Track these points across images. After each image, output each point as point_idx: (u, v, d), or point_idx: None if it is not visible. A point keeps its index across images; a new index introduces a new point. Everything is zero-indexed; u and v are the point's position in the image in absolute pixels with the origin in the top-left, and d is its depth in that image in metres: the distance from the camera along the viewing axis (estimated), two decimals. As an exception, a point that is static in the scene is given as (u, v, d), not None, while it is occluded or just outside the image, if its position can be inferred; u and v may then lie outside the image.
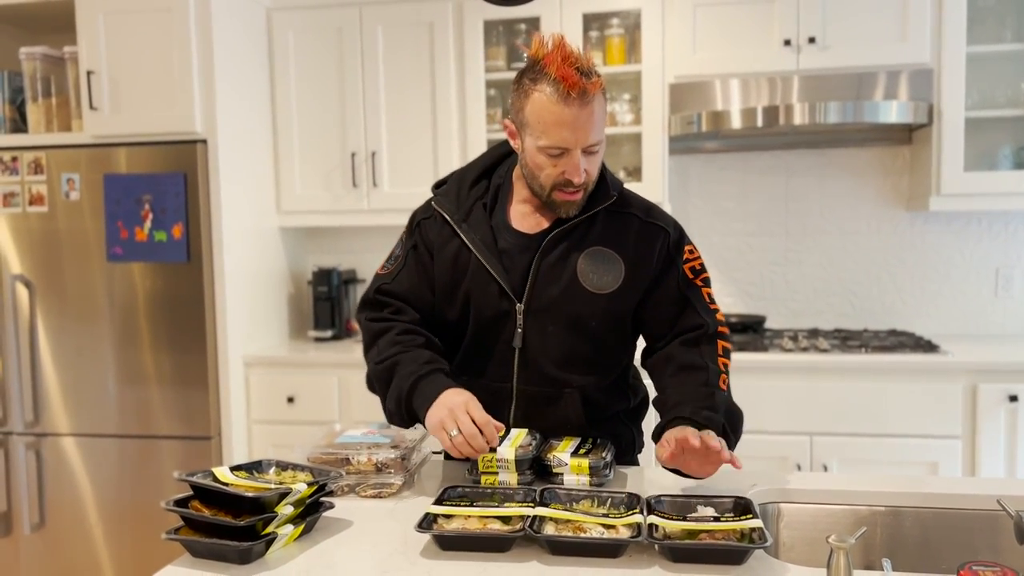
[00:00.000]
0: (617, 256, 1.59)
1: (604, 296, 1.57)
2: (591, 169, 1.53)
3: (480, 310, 1.60)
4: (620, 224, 1.61)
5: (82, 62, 2.99)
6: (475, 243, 1.59)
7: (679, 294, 1.61)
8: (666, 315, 1.62)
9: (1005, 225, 3.25)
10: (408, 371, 1.54)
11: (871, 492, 1.47)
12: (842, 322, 3.39)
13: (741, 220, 3.44)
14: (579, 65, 1.46)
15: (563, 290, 1.57)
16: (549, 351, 1.59)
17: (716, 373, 1.54)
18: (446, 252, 1.63)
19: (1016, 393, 2.69)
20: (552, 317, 1.58)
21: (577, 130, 1.47)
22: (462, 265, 1.61)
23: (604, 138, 1.53)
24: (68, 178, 3.02)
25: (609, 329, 1.61)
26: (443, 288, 1.64)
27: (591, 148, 1.50)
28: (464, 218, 1.62)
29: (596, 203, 1.59)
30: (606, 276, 1.57)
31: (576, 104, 1.45)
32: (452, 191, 1.67)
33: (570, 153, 1.49)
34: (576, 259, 1.58)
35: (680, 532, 1.23)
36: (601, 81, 1.49)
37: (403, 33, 3.25)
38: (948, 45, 2.90)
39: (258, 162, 3.28)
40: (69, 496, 3.09)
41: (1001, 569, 1.03)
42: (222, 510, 1.25)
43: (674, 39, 3.07)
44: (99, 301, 3.03)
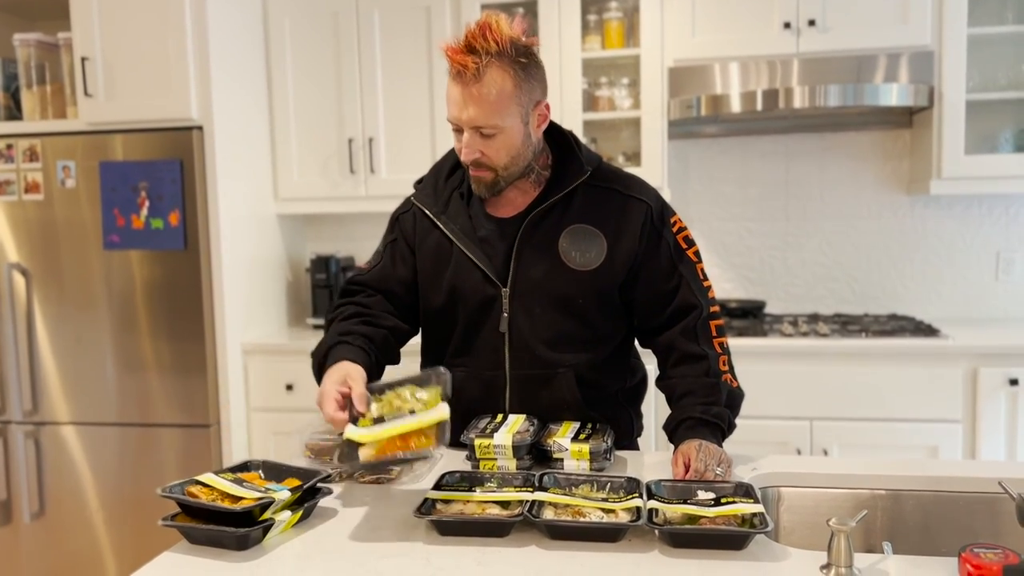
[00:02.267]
0: (598, 232, 1.58)
1: (588, 273, 1.57)
2: (488, 151, 1.51)
3: (466, 298, 1.60)
4: (599, 199, 1.60)
5: (77, 48, 2.96)
6: (455, 233, 1.60)
7: (672, 269, 1.60)
8: (660, 293, 1.61)
9: (1006, 208, 3.23)
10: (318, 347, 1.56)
11: (871, 476, 1.47)
12: (842, 307, 3.38)
13: (741, 205, 3.42)
14: (474, 44, 1.43)
15: (546, 270, 1.57)
16: (538, 333, 1.59)
17: (716, 358, 1.59)
18: (427, 245, 1.64)
19: (1016, 377, 2.69)
20: (538, 298, 1.58)
21: (463, 108, 1.46)
22: (444, 256, 1.61)
23: (509, 124, 1.48)
24: (64, 165, 3.00)
25: (596, 306, 1.60)
26: (427, 280, 1.64)
27: (482, 130, 1.48)
28: (443, 210, 1.63)
29: (569, 180, 1.58)
30: (588, 253, 1.57)
31: (461, 81, 1.45)
32: (429, 185, 1.68)
33: (463, 131, 1.49)
34: (557, 238, 1.58)
35: (680, 517, 1.22)
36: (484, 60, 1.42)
37: (400, 18, 3.22)
38: (949, 27, 2.88)
39: (255, 149, 3.26)
40: (69, 484, 3.09)
41: (1003, 551, 1.03)
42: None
43: (673, 22, 3.05)
44: (96, 289, 3.02)
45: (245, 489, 1.27)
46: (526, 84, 1.48)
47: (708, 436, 1.49)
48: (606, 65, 3.26)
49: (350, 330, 1.56)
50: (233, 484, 1.28)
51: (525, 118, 1.51)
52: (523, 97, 1.49)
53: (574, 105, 3.13)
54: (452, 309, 1.62)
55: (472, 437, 1.47)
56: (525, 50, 1.48)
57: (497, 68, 1.44)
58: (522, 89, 1.48)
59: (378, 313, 1.63)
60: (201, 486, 1.27)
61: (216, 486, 1.27)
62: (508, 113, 1.47)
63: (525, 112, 1.51)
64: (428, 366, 1.73)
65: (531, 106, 1.51)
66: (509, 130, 1.50)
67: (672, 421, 1.56)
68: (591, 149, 1.67)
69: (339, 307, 1.65)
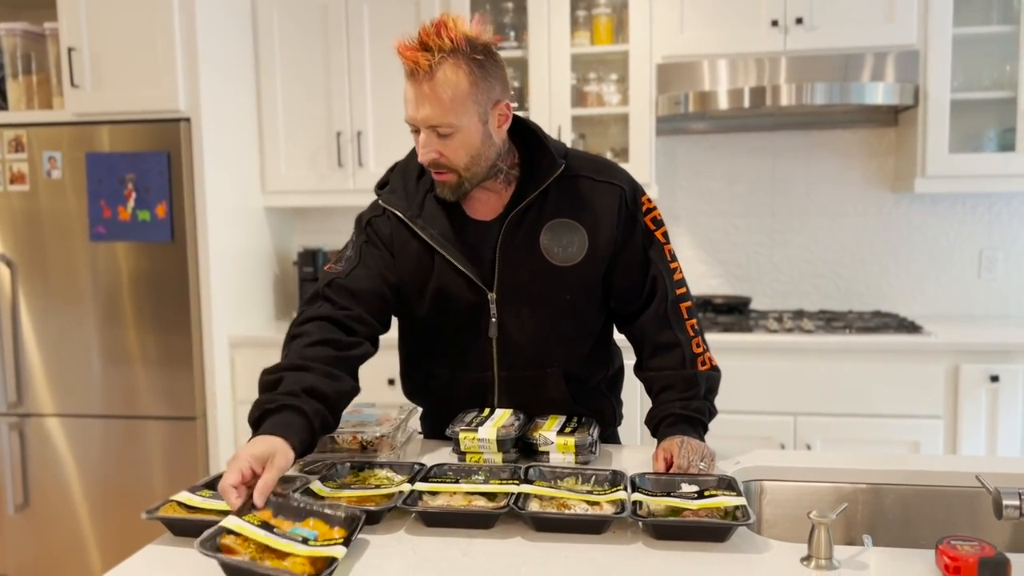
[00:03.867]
0: (577, 224, 1.55)
1: (572, 267, 1.55)
2: (446, 152, 1.46)
3: (453, 304, 1.57)
4: (573, 190, 1.57)
5: (63, 38, 2.94)
6: (435, 239, 1.54)
7: (643, 253, 1.59)
8: (633, 279, 1.59)
9: (989, 207, 3.27)
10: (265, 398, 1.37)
11: (853, 470, 1.49)
12: (827, 303, 3.41)
13: (728, 201, 3.44)
14: (428, 42, 1.39)
15: (531, 271, 1.55)
16: (528, 334, 1.58)
17: (689, 342, 1.58)
18: (408, 251, 1.57)
19: (997, 373, 2.72)
20: (525, 300, 1.56)
21: (417, 107, 1.43)
22: (426, 263, 1.56)
23: (466, 124, 1.44)
24: (50, 156, 2.98)
25: (584, 300, 1.59)
26: (409, 287, 1.59)
27: (438, 129, 1.44)
28: (418, 213, 1.56)
29: (543, 176, 1.54)
30: (570, 247, 1.55)
31: (414, 80, 1.42)
32: (399, 188, 1.60)
33: (420, 131, 1.46)
34: (538, 236, 1.55)
35: (664, 509, 1.23)
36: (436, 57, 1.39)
37: (389, 11, 3.22)
38: (934, 26, 2.91)
39: (243, 141, 3.25)
40: (53, 476, 3.08)
41: (979, 544, 1.04)
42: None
43: (661, 19, 3.06)
44: (82, 281, 3.00)
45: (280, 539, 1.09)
46: (483, 82, 1.44)
47: (689, 431, 1.50)
48: (595, 61, 3.27)
49: (316, 388, 1.37)
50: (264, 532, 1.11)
51: (484, 117, 1.47)
52: (480, 96, 1.44)
53: (563, 100, 3.14)
54: (437, 316, 1.59)
55: (457, 431, 1.48)
56: (483, 47, 1.45)
57: (451, 65, 1.40)
58: (479, 87, 1.44)
59: (352, 341, 1.49)
60: (234, 536, 1.10)
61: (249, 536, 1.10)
62: (464, 112, 1.43)
63: (483, 111, 1.46)
64: (410, 371, 1.73)
65: (490, 105, 1.47)
66: (466, 129, 1.45)
67: (653, 418, 1.57)
68: (555, 138, 1.64)
69: (308, 321, 1.51)
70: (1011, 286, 3.28)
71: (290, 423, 1.30)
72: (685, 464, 1.40)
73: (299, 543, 1.08)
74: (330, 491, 1.29)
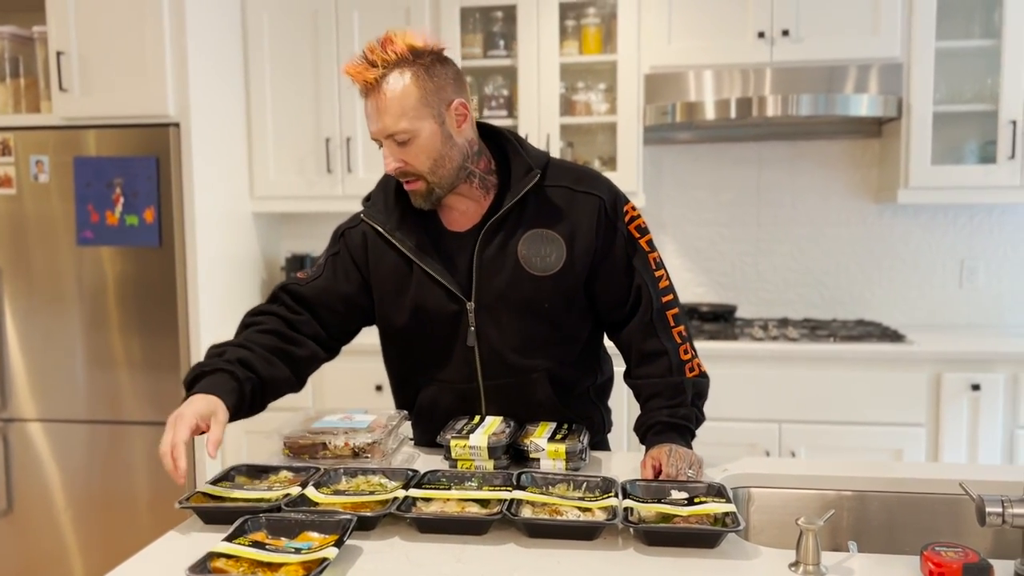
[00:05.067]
0: (555, 234, 1.56)
1: (550, 277, 1.56)
2: (408, 159, 1.49)
3: (432, 315, 1.58)
4: (552, 200, 1.58)
5: (51, 42, 2.93)
6: (412, 250, 1.57)
7: (627, 261, 1.59)
8: (619, 286, 1.61)
9: (970, 218, 3.32)
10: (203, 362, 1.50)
11: (838, 477, 1.51)
12: (811, 312, 3.44)
13: (714, 210, 3.48)
14: (373, 58, 1.44)
15: (509, 280, 1.56)
16: (508, 341, 1.59)
17: (676, 349, 1.59)
18: (384, 264, 1.61)
19: (978, 382, 2.76)
20: (504, 308, 1.57)
21: (374, 120, 1.48)
22: (404, 274, 1.59)
23: (418, 128, 1.46)
24: (37, 160, 2.97)
25: (563, 308, 1.60)
26: (387, 301, 1.62)
27: (396, 138, 1.47)
28: (396, 227, 1.59)
29: (519, 186, 1.56)
30: (548, 257, 1.56)
31: (368, 95, 1.47)
32: (379, 201, 1.64)
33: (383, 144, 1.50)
34: (515, 246, 1.56)
35: (654, 516, 1.25)
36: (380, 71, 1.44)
37: (379, 18, 3.23)
38: (918, 40, 2.95)
39: (231, 146, 3.25)
40: (37, 482, 3.06)
41: (963, 550, 1.07)
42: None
43: (649, 30, 3.09)
44: (68, 285, 2.99)
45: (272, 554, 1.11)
46: (431, 83, 1.46)
47: (677, 439, 1.51)
48: (583, 70, 3.29)
49: (251, 363, 1.49)
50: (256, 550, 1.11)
51: (440, 119, 1.48)
52: (431, 98, 1.47)
53: (552, 109, 3.16)
54: (417, 327, 1.61)
55: (448, 438, 1.49)
56: (428, 53, 1.47)
57: (396, 74, 1.44)
58: (427, 90, 1.46)
59: (299, 339, 1.59)
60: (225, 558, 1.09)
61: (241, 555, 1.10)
62: (417, 116, 1.46)
63: (438, 113, 1.48)
64: (398, 387, 1.74)
65: (443, 106, 1.48)
66: (423, 132, 1.47)
67: (641, 425, 1.59)
68: (537, 148, 1.65)
69: (262, 313, 1.61)
70: (991, 296, 3.33)
71: (224, 385, 1.44)
72: (674, 472, 1.41)
73: (292, 554, 1.10)
74: (325, 497, 1.30)
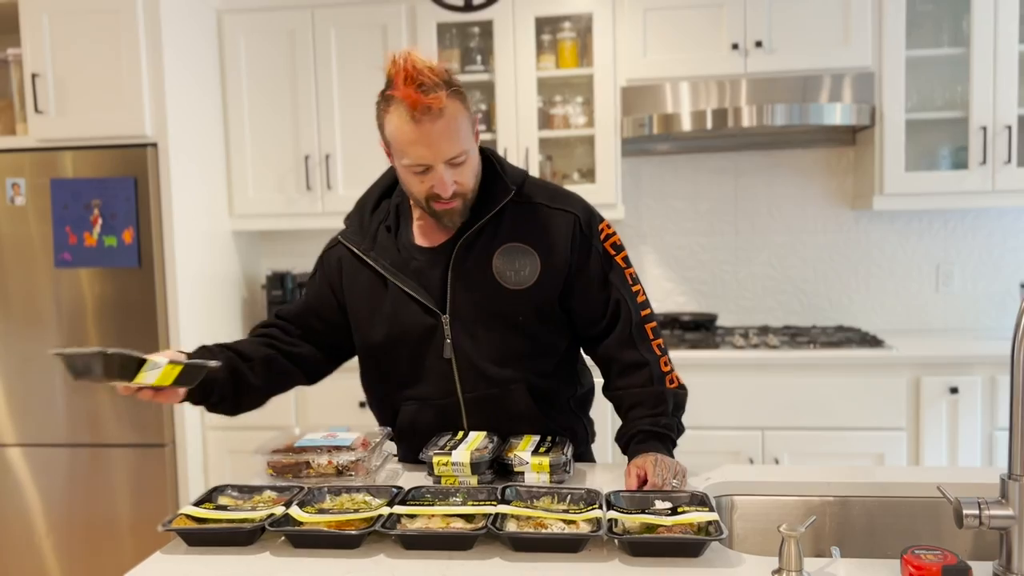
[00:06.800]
0: (530, 249, 1.59)
1: (524, 291, 1.58)
2: (461, 179, 1.52)
3: (406, 331, 1.61)
4: (527, 216, 1.61)
5: (27, 64, 2.92)
6: (386, 268, 1.61)
7: (603, 277, 1.62)
8: (595, 302, 1.63)
9: (945, 223, 3.36)
10: None
11: (820, 483, 1.52)
12: (791, 319, 3.47)
13: (692, 220, 3.50)
14: (422, 81, 1.43)
15: (483, 293, 1.58)
16: (484, 353, 1.60)
17: (656, 361, 1.62)
18: (359, 283, 1.64)
19: (957, 385, 2.79)
20: (478, 321, 1.59)
21: (431, 146, 1.46)
22: (377, 292, 1.62)
23: (470, 146, 1.51)
24: (13, 183, 2.95)
25: (537, 321, 1.62)
26: (362, 318, 1.65)
27: (454, 160, 1.49)
28: (371, 246, 1.63)
29: (495, 202, 1.59)
30: (522, 271, 1.58)
31: (425, 121, 1.44)
32: (355, 221, 1.69)
33: (433, 168, 1.49)
34: (490, 260, 1.58)
35: (639, 526, 1.26)
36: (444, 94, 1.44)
37: (356, 36, 3.24)
38: (888, 49, 3.00)
39: (210, 165, 3.24)
40: (16, 508, 3.03)
41: (942, 552, 1.08)
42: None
43: (625, 43, 3.12)
44: (46, 307, 2.97)
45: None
46: (468, 106, 1.51)
47: (660, 448, 1.53)
48: (560, 84, 3.32)
49: (232, 346, 1.62)
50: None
51: (474, 138, 1.55)
52: (470, 119, 1.52)
53: (529, 123, 3.18)
54: (393, 344, 1.62)
55: (431, 455, 1.49)
56: (453, 76, 1.51)
57: (450, 98, 1.46)
58: (469, 111, 1.52)
59: (291, 341, 1.68)
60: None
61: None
62: (467, 137, 1.50)
63: (474, 132, 1.54)
64: (373, 401, 1.76)
65: (472, 127, 1.54)
66: (472, 153, 1.53)
67: (623, 435, 1.60)
68: (515, 165, 1.69)
69: (264, 326, 1.72)
70: (967, 299, 3.37)
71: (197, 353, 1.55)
72: (659, 482, 1.42)
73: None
74: (309, 516, 1.30)
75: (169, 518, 1.32)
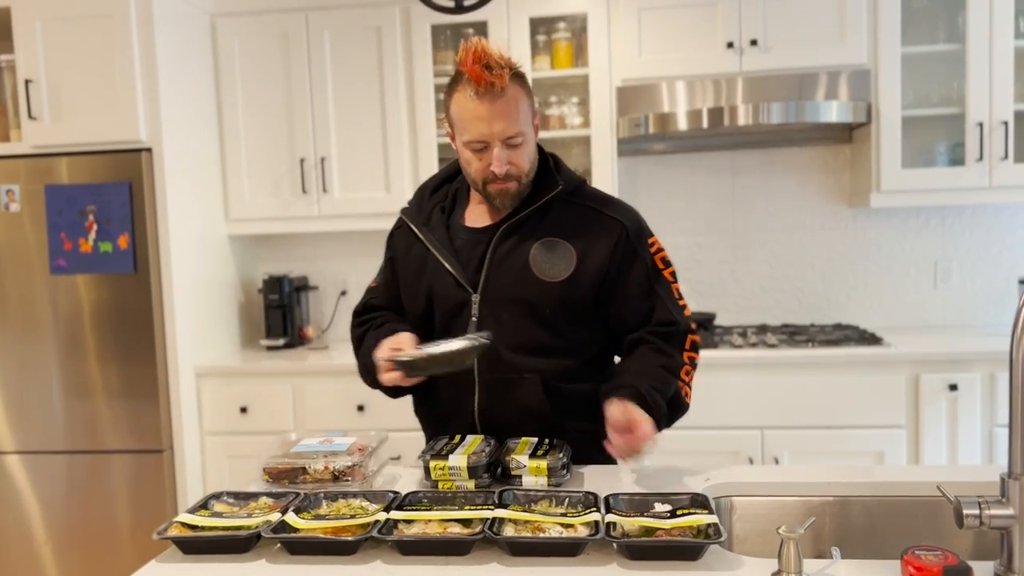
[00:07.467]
0: (569, 246, 1.64)
1: (556, 284, 1.62)
2: (517, 161, 1.60)
3: (440, 302, 1.68)
4: (575, 215, 1.67)
5: (20, 70, 2.92)
6: (432, 243, 1.69)
7: (648, 287, 1.65)
8: (636, 310, 1.66)
9: (942, 219, 3.36)
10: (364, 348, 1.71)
11: (820, 483, 1.51)
12: (789, 317, 3.46)
13: (689, 219, 3.50)
14: (487, 61, 1.52)
15: (516, 279, 1.63)
16: (505, 338, 1.63)
17: (680, 364, 1.64)
18: (410, 255, 1.74)
19: (956, 382, 2.79)
20: (506, 305, 1.64)
21: (492, 123, 1.55)
22: (422, 264, 1.71)
23: (528, 130, 1.60)
24: (7, 189, 2.94)
25: (564, 316, 1.65)
26: (407, 287, 1.74)
27: (511, 140, 1.57)
28: (425, 222, 1.73)
29: (543, 193, 1.66)
30: (558, 265, 1.63)
31: (487, 98, 1.53)
32: (416, 201, 1.80)
33: (490, 146, 1.57)
34: (529, 249, 1.64)
35: (637, 529, 1.25)
36: (507, 73, 1.53)
37: (350, 38, 3.23)
38: (884, 46, 2.99)
39: (205, 170, 3.23)
40: (15, 515, 3.02)
41: (943, 553, 1.07)
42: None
43: (620, 42, 3.11)
44: (42, 314, 2.96)
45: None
46: (530, 95, 1.61)
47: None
48: (556, 84, 3.31)
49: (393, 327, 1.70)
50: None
51: (533, 126, 1.63)
52: (531, 106, 1.61)
53: (525, 124, 3.17)
54: (430, 314, 1.71)
55: (427, 459, 1.49)
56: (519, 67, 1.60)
57: (513, 81, 1.55)
58: (530, 98, 1.61)
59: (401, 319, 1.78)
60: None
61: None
62: (527, 121, 1.59)
63: (532, 120, 1.63)
64: None
65: (532, 115, 1.63)
66: (529, 137, 1.61)
67: (614, 384, 1.58)
68: (574, 172, 1.75)
69: (363, 323, 1.80)
70: (965, 296, 3.37)
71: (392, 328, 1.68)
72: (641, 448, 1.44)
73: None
74: (305, 523, 1.29)
75: (164, 526, 1.32)
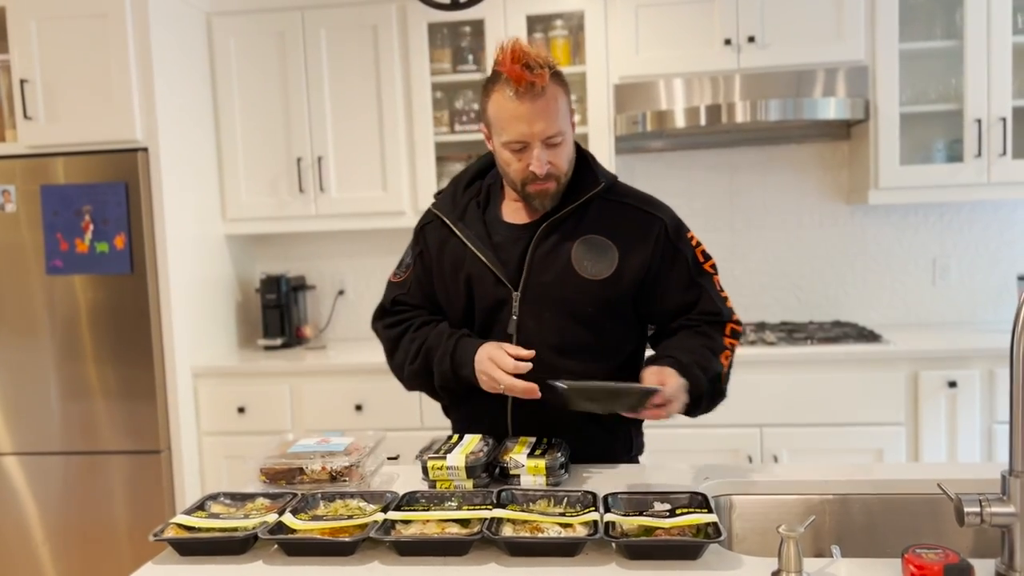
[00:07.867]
0: (611, 244, 1.63)
1: (598, 283, 1.61)
2: (556, 160, 1.58)
3: (480, 300, 1.66)
4: (614, 212, 1.66)
5: (15, 70, 2.90)
6: (470, 238, 1.66)
7: (691, 281, 1.66)
8: (679, 303, 1.66)
9: (940, 216, 3.35)
10: (440, 352, 1.64)
11: (819, 481, 1.51)
12: (788, 315, 3.46)
13: (687, 217, 3.42)
14: (527, 61, 1.50)
15: (557, 277, 1.62)
16: (546, 338, 1.61)
17: (722, 350, 1.64)
18: (446, 250, 1.70)
19: (955, 379, 2.78)
20: (547, 304, 1.62)
21: (532, 123, 1.52)
22: (460, 260, 1.68)
23: (567, 129, 1.58)
24: (3, 190, 2.93)
25: (606, 315, 1.64)
26: (445, 283, 1.71)
27: (551, 140, 1.55)
28: (460, 217, 1.70)
29: (583, 192, 1.64)
30: (600, 263, 1.62)
31: (527, 98, 1.51)
32: (448, 194, 1.76)
33: (530, 146, 1.55)
34: (570, 247, 1.62)
35: (636, 529, 1.24)
36: (547, 73, 1.52)
37: (347, 36, 3.22)
38: (882, 43, 2.99)
39: (202, 169, 3.22)
40: (13, 517, 3.01)
41: (943, 551, 1.07)
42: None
43: (617, 40, 3.10)
44: (39, 315, 2.95)
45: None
46: (568, 95, 1.60)
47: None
48: (553, 82, 3.29)
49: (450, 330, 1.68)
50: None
51: (571, 125, 1.62)
52: (569, 105, 1.60)
53: (522, 122, 3.16)
54: (469, 311, 1.68)
55: (425, 459, 1.48)
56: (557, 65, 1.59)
57: (552, 80, 1.54)
58: (568, 98, 1.60)
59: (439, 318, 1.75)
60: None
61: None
62: (566, 121, 1.58)
63: (571, 120, 1.62)
64: None
65: (570, 113, 1.61)
66: (568, 136, 1.60)
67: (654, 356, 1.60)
68: (607, 169, 1.73)
69: (397, 323, 1.75)
70: (964, 293, 3.36)
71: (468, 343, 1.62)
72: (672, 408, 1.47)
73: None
74: (302, 523, 1.28)
75: (160, 527, 1.31)
